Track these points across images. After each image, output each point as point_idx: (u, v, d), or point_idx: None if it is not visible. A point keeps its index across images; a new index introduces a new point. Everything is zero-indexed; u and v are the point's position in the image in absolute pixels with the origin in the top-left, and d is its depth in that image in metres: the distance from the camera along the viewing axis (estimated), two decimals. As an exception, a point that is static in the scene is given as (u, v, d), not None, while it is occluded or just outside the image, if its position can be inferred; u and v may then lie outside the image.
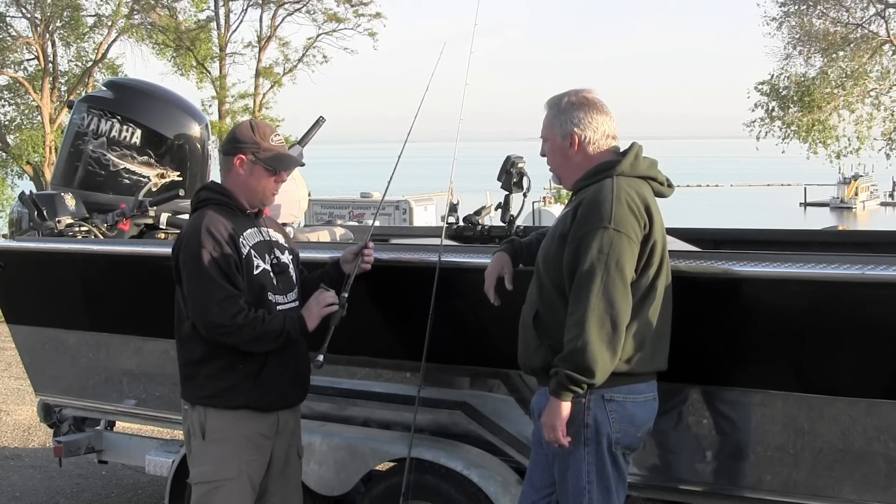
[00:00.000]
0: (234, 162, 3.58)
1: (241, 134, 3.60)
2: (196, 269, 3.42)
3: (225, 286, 3.41)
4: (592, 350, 2.99)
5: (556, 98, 3.33)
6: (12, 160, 26.49)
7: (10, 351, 9.94)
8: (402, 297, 3.96)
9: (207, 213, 3.53)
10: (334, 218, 16.85)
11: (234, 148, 3.59)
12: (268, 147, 3.58)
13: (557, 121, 3.28)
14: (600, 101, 3.29)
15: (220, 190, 3.62)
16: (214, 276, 3.40)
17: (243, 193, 3.60)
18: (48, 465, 6.91)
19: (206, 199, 3.60)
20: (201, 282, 3.42)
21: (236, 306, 3.40)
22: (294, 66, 27.84)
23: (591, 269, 3.02)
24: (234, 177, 3.60)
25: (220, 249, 3.43)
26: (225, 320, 3.38)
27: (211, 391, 3.51)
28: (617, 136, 3.30)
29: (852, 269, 3.14)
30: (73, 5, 25.88)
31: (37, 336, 5.29)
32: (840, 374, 3.23)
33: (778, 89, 23.78)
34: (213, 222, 3.47)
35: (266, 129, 3.62)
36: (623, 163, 3.19)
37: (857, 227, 25.59)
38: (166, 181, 5.45)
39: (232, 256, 3.45)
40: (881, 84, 23.21)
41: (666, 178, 3.31)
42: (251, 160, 3.56)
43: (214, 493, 3.51)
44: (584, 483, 3.16)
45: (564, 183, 3.36)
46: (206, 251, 3.41)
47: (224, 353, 3.47)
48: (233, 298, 3.41)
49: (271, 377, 3.53)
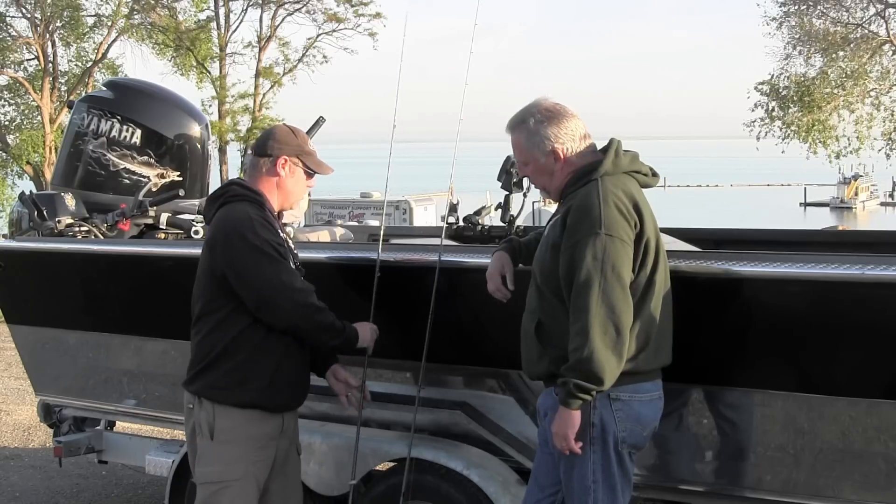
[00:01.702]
0: (277, 163, 3.59)
1: (284, 136, 3.63)
2: (264, 255, 3.44)
3: (296, 273, 3.52)
4: (599, 357, 2.99)
5: (519, 119, 3.30)
6: (12, 160, 26.52)
7: (10, 351, 9.94)
8: (403, 297, 3.95)
9: (248, 204, 3.54)
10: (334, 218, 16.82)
11: (278, 149, 3.61)
12: (309, 151, 3.65)
13: (532, 142, 3.26)
14: (561, 107, 3.28)
15: (252, 189, 3.62)
16: (284, 261, 3.48)
17: (278, 195, 3.63)
18: (48, 465, 6.91)
19: (241, 196, 3.58)
20: (274, 266, 3.45)
21: (310, 291, 3.51)
22: (294, 66, 27.89)
23: (589, 277, 3.01)
24: (272, 178, 3.61)
25: (276, 238, 3.51)
26: (313, 299, 3.49)
27: (225, 383, 3.51)
28: (588, 133, 3.29)
29: (852, 269, 3.14)
30: (73, 5, 25.92)
31: (37, 336, 5.29)
32: (840, 374, 3.23)
33: (778, 89, 23.81)
34: (261, 213, 3.53)
35: (304, 135, 3.69)
36: (605, 163, 3.18)
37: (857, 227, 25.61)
38: (166, 181, 5.44)
39: (283, 246, 3.54)
40: (881, 84, 23.23)
41: (650, 169, 3.30)
42: (294, 162, 3.61)
43: (221, 493, 3.52)
44: (589, 482, 3.15)
45: (551, 193, 3.36)
46: (266, 238, 3.46)
47: (245, 349, 3.49)
48: (298, 276, 3.52)
49: (284, 379, 3.56)
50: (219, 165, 26.94)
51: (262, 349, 3.50)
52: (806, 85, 23.25)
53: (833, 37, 23.02)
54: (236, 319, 3.49)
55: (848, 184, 62.27)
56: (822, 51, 23.22)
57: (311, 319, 3.50)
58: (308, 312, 3.49)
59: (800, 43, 23.69)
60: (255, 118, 27.41)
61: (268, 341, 3.50)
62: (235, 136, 27.52)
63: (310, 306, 3.49)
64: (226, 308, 3.50)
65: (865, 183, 64.49)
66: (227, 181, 3.79)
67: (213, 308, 3.52)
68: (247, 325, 3.48)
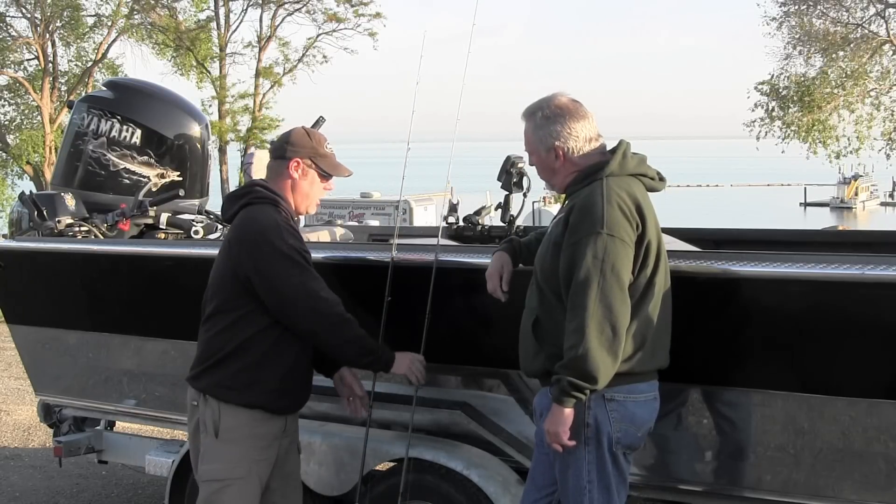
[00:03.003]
0: (290, 165, 3.59)
1: (298, 139, 3.62)
2: (293, 262, 3.45)
3: (320, 278, 3.50)
4: (594, 356, 2.99)
5: (532, 110, 3.30)
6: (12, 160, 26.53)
7: (10, 351, 9.95)
8: (403, 297, 3.95)
9: (272, 208, 3.54)
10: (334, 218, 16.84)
11: (292, 151, 3.60)
12: (324, 153, 3.63)
13: (537, 136, 3.27)
14: (575, 106, 3.26)
15: (274, 191, 3.61)
16: (310, 268, 3.48)
17: (294, 197, 3.62)
18: (48, 465, 6.91)
19: (264, 198, 3.58)
20: (304, 274, 3.45)
21: (338, 302, 3.49)
22: (294, 66, 27.89)
23: (588, 276, 3.02)
24: (288, 180, 3.61)
25: (302, 245, 3.52)
26: (340, 309, 3.47)
27: (233, 383, 3.51)
28: (600, 136, 3.29)
29: (852, 269, 3.14)
30: (73, 5, 25.92)
31: (37, 336, 5.29)
32: (840, 374, 3.23)
33: (778, 89, 23.80)
34: (285, 218, 3.53)
35: (320, 137, 3.67)
36: (612, 163, 3.18)
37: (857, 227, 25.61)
38: (166, 181, 5.45)
39: (309, 253, 3.55)
40: (881, 84, 23.23)
41: (657, 172, 3.30)
42: (308, 164, 3.60)
43: (223, 491, 3.53)
44: (584, 482, 3.16)
45: (556, 188, 3.37)
46: (294, 246, 3.46)
47: (259, 350, 3.49)
48: (324, 285, 3.49)
49: (292, 382, 3.57)
50: (219, 165, 26.96)
51: (274, 353, 3.50)
52: (806, 85, 23.24)
53: (833, 37, 23.01)
54: (252, 321, 3.49)
55: (848, 184, 62.32)
56: (822, 51, 23.22)
57: (334, 330, 3.48)
58: (332, 322, 3.47)
59: (800, 43, 23.69)
60: (255, 118, 27.42)
61: (280, 346, 3.50)
62: (235, 136, 27.53)
63: (334, 315, 3.47)
64: (243, 309, 3.49)
65: (865, 183, 64.53)
66: (250, 181, 3.78)
67: (229, 307, 3.52)
68: (262, 328, 3.49)
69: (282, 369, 3.53)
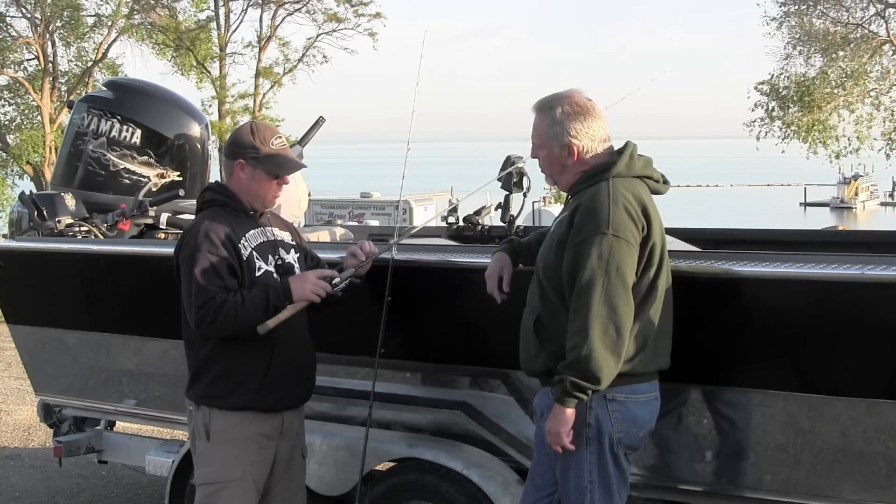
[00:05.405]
0: (235, 166, 3.57)
1: (242, 138, 3.58)
2: (188, 272, 3.42)
3: (209, 289, 3.38)
4: (597, 357, 2.99)
5: (548, 103, 3.27)
6: (12, 160, 26.52)
7: (10, 351, 9.94)
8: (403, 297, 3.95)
9: (208, 215, 3.54)
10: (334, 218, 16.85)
11: (235, 152, 3.58)
12: (268, 151, 3.55)
13: (553, 131, 3.24)
14: (591, 106, 3.26)
15: (223, 191, 3.62)
16: (201, 279, 3.38)
17: (246, 196, 3.59)
18: (48, 465, 6.90)
19: (210, 201, 3.61)
20: (190, 284, 3.41)
21: (213, 299, 3.37)
22: (294, 66, 27.89)
23: (592, 276, 3.01)
24: (237, 180, 3.59)
25: (215, 252, 3.42)
26: (207, 315, 3.36)
27: (216, 391, 3.51)
28: (609, 137, 3.29)
29: (852, 269, 3.14)
30: (73, 5, 25.92)
31: (37, 336, 5.29)
32: (840, 374, 3.23)
33: (778, 89, 23.82)
34: (212, 225, 3.47)
35: (267, 133, 3.59)
36: (618, 164, 3.18)
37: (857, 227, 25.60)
38: (166, 181, 5.44)
39: (228, 259, 3.44)
40: (881, 84, 23.24)
41: (661, 175, 3.31)
42: (252, 165, 3.55)
43: (218, 494, 3.52)
44: (585, 483, 3.16)
45: (561, 186, 3.36)
46: (201, 254, 3.41)
47: (229, 354, 3.48)
48: (211, 293, 3.38)
49: (276, 378, 3.53)
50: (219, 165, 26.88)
51: (247, 355, 3.48)
52: (806, 85, 23.26)
53: (833, 37, 23.02)
54: None
55: (848, 184, 62.28)
56: (822, 51, 23.23)
57: (230, 323, 3.37)
58: (224, 321, 3.36)
59: (800, 43, 23.70)
60: (255, 118, 27.42)
61: (253, 345, 3.46)
62: (235, 136, 27.47)
63: (204, 321, 3.37)
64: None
65: (865, 183, 64.50)
66: (207, 184, 3.77)
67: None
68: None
69: (261, 367, 3.50)
